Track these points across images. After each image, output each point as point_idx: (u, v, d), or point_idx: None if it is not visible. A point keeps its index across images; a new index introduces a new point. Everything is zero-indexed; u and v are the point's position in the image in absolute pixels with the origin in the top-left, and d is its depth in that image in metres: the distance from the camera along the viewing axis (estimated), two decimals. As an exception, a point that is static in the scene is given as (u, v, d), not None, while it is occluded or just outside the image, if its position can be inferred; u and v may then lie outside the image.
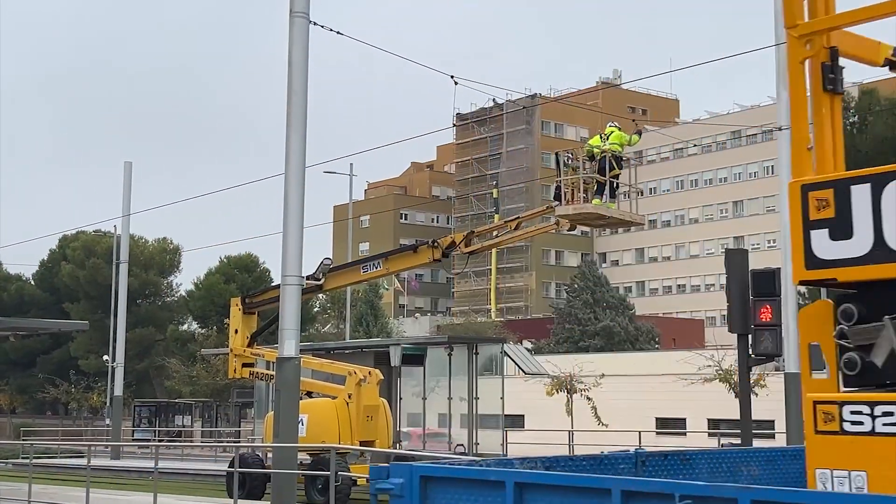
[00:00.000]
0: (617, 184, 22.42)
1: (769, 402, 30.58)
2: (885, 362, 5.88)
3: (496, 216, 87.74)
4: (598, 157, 22.04)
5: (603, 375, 35.07)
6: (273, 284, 29.90)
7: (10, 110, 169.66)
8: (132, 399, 64.27)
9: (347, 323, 54.84)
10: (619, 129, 22.65)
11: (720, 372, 32.92)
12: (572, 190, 21.77)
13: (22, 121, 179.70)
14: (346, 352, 33.46)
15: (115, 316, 47.47)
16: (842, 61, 6.56)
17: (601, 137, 22.57)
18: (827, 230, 6.08)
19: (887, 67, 6.87)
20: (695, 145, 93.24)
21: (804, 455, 6.22)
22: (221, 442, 48.78)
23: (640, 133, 23.75)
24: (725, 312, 13.99)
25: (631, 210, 23.10)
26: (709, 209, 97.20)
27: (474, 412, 32.88)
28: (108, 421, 51.30)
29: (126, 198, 42.82)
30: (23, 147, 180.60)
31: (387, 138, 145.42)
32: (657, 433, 39.66)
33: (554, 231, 25.07)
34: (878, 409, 5.74)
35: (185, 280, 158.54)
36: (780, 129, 25.99)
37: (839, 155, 6.55)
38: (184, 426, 58.76)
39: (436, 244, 23.18)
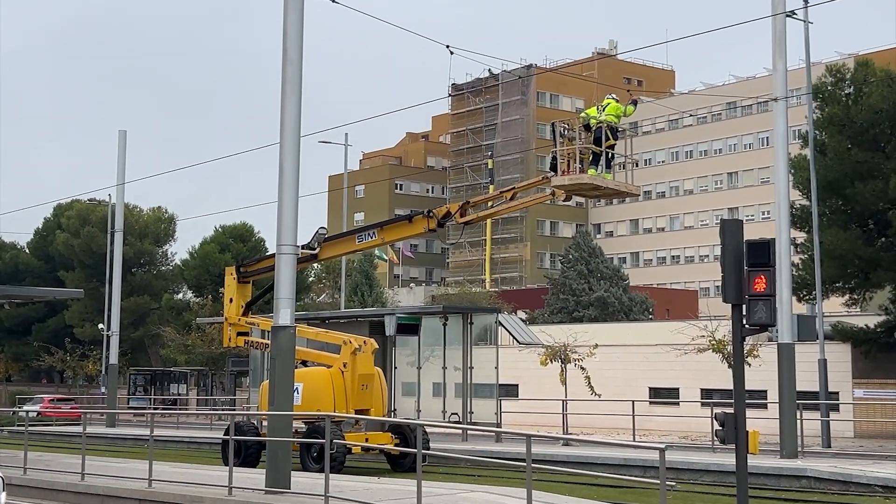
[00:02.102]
0: (612, 154, 22.42)
1: (762, 373, 30.72)
2: None
3: (491, 186, 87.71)
4: (594, 128, 22.02)
5: (597, 345, 35.14)
6: (268, 254, 29.89)
7: (5, 76, 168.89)
8: (127, 367, 64.40)
9: (342, 292, 54.88)
10: (617, 101, 22.61)
11: (713, 342, 33.01)
12: (568, 160, 21.75)
13: (16, 88, 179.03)
14: (342, 321, 33.55)
15: (110, 284, 47.54)
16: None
17: (597, 108, 22.52)
18: None
19: None
20: (690, 116, 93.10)
21: None
22: (216, 410, 48.91)
23: (635, 104, 23.68)
24: (719, 283, 14.01)
25: (626, 181, 23.10)
26: (703, 180, 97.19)
27: (469, 381, 33.02)
28: (103, 389, 51.42)
29: (121, 166, 42.71)
30: (17, 115, 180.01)
31: (382, 108, 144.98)
32: (650, 403, 39.87)
33: (549, 201, 25.05)
34: None
35: (179, 249, 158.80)
36: (775, 100, 25.97)
37: None
38: (179, 394, 58.91)
39: (431, 214, 23.18)
